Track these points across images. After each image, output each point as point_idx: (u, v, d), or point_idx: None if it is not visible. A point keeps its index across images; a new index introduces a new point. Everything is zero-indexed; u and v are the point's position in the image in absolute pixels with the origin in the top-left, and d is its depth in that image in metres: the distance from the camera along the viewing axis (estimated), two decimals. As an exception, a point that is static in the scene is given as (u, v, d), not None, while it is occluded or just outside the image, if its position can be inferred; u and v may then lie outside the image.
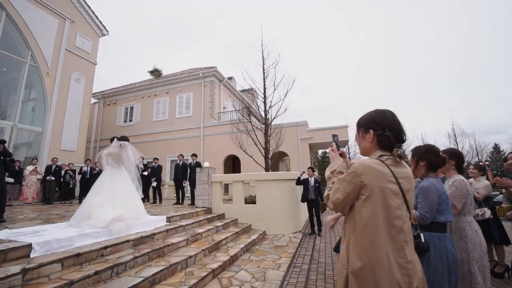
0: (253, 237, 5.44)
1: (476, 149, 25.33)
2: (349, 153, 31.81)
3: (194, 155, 8.21)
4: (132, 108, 16.48)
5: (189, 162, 8.31)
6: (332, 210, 1.30)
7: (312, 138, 13.60)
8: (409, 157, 1.97)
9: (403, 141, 1.24)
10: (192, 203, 7.77)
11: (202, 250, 3.82)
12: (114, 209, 3.59)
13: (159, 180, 8.61)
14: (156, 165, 8.79)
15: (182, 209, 6.54)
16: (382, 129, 1.24)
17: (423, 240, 1.70)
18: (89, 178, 8.43)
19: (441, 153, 1.86)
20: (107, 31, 13.14)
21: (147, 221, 4.15)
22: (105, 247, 2.94)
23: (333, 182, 1.30)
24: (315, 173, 7.08)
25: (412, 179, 1.23)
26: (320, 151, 30.57)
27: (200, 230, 4.72)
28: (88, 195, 3.87)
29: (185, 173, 8.10)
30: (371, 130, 1.28)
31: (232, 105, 17.99)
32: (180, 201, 8.12)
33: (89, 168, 8.77)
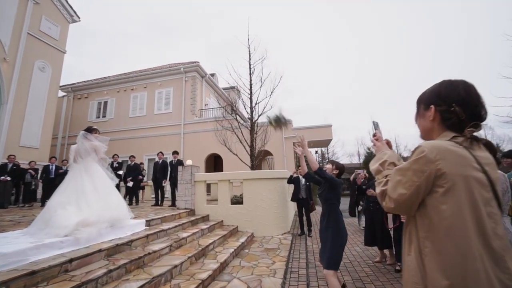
0: (242, 240, 5.07)
1: None
2: (327, 154, 32.53)
3: (176, 152, 7.63)
4: (106, 103, 15.28)
5: (170, 160, 7.72)
6: (390, 210, 0.98)
7: (297, 137, 13.50)
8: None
9: (482, 118, 0.94)
10: (173, 205, 7.20)
11: (188, 257, 3.37)
12: (80, 210, 3.00)
13: (136, 180, 7.90)
14: (133, 163, 8.07)
15: (162, 211, 5.98)
16: (447, 103, 0.95)
17: None
18: (54, 178, 7.51)
19: None
20: (79, 17, 12.00)
21: (124, 226, 3.60)
22: (71, 260, 2.40)
23: (386, 176, 1.00)
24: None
25: (496, 167, 0.94)
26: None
27: (184, 234, 4.25)
28: (52, 196, 3.25)
29: (165, 172, 7.50)
30: (432, 106, 0.98)
31: (214, 102, 17.42)
32: (160, 202, 7.50)
33: (54, 167, 7.82)
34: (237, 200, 7.24)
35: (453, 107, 0.93)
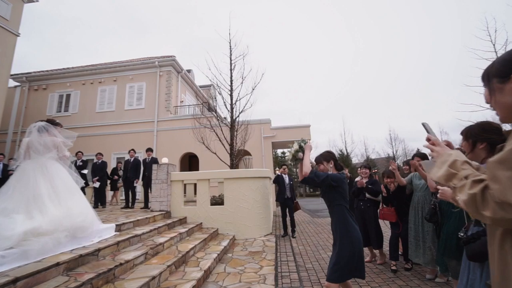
0: (224, 243, 4.70)
1: (405, 153, 29.94)
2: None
3: (150, 150, 7.01)
4: (68, 95, 13.83)
5: (143, 158, 7.08)
6: (499, 224, 0.73)
7: (275, 136, 13.42)
8: (461, 140, 1.56)
9: None
10: (146, 207, 6.59)
11: (168, 266, 2.95)
12: (30, 219, 2.43)
13: (103, 180, 7.12)
14: (100, 161, 7.26)
15: (134, 214, 5.39)
16: None
17: None
18: (2, 179, 6.47)
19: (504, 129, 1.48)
20: (36, -3, 10.66)
21: (89, 232, 3.06)
22: (15, 280, 1.86)
23: (466, 177, 0.81)
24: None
25: None
26: (279, 151, 30.99)
27: (161, 240, 3.79)
28: None
29: (138, 171, 6.85)
30: None
31: (190, 99, 16.71)
32: (130, 204, 6.82)
33: (1, 165, 6.74)
34: (216, 201, 6.84)
35: None
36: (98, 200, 7.16)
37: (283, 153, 33.75)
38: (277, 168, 14.67)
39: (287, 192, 6.05)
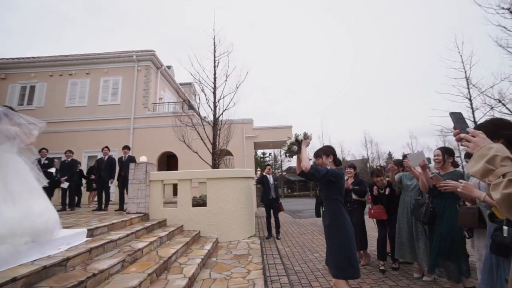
0: (207, 247, 4.47)
1: (378, 155, 31.71)
2: (280, 155, 33.56)
3: (127, 147, 6.54)
4: (33, 87, 12.62)
5: (119, 157, 6.59)
6: None
7: (258, 136, 13.33)
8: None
9: None
10: (121, 209, 6.12)
11: (148, 274, 2.67)
12: None
13: (72, 180, 6.51)
14: (69, 159, 6.63)
15: (108, 216, 4.95)
16: None
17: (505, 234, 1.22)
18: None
19: None
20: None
21: (54, 239, 2.69)
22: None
23: (504, 175, 0.77)
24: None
25: None
26: (259, 152, 30.98)
27: (140, 245, 3.47)
28: None
29: (112, 170, 6.35)
30: None
31: (169, 96, 16.11)
32: (104, 206, 6.31)
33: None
34: (197, 202, 6.55)
35: None
36: (70, 202, 6.57)
37: (264, 153, 33.87)
38: (258, 169, 14.56)
39: (272, 192, 5.94)
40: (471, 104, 11.93)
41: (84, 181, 8.42)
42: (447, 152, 2.73)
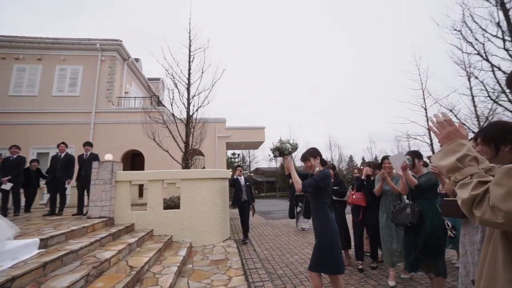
0: (181, 253, 4.16)
1: (341, 158, 33.72)
2: (249, 157, 33.63)
3: (88, 144, 5.83)
4: (-34, 70, 10.75)
5: (80, 154, 5.85)
6: (492, 225, 0.76)
7: (230, 137, 13.13)
8: (478, 143, 1.48)
9: None
10: (79, 213, 5.43)
11: (119, 289, 2.33)
12: None
13: (18, 180, 5.60)
14: (15, 156, 5.69)
15: (65, 222, 4.33)
16: None
17: None
18: None
19: None
20: None
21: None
22: None
23: (472, 175, 0.80)
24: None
25: None
26: (229, 152, 30.59)
27: (107, 254, 3.05)
28: None
29: (70, 169, 5.61)
30: None
31: (136, 91, 15.05)
32: (58, 210, 5.53)
33: None
34: (167, 205, 6.10)
35: None
36: (15, 206, 5.63)
37: (234, 154, 33.56)
38: (230, 170, 14.45)
39: (243, 195, 5.75)
40: (426, 113, 13.17)
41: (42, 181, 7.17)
42: (416, 156, 2.85)
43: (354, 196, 3.76)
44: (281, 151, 2.31)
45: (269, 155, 2.61)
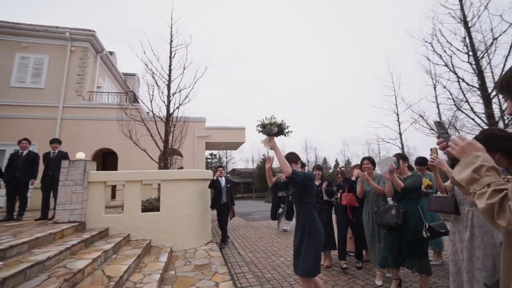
0: (162, 258, 3.91)
1: (316, 160, 34.89)
2: (226, 157, 33.35)
3: (57, 141, 5.28)
4: None
5: (46, 152, 5.28)
6: (506, 229, 0.80)
7: (210, 136, 12.85)
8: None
9: None
10: (43, 217, 4.89)
11: (97, 304, 2.08)
12: None
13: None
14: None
15: (26, 229, 3.85)
16: None
17: None
18: None
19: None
20: None
21: None
22: None
23: (489, 185, 0.80)
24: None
25: None
26: (207, 152, 30.02)
27: (79, 264, 2.74)
28: None
29: (33, 168, 5.03)
30: None
31: (109, 86, 14.15)
32: (17, 215, 4.93)
33: None
34: (145, 207, 5.75)
35: None
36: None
37: (211, 154, 33.03)
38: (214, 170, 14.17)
39: (223, 197, 5.59)
40: (398, 118, 13.98)
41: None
42: (402, 158, 2.97)
43: (347, 197, 3.80)
44: (268, 131, 2.31)
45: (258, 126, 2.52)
